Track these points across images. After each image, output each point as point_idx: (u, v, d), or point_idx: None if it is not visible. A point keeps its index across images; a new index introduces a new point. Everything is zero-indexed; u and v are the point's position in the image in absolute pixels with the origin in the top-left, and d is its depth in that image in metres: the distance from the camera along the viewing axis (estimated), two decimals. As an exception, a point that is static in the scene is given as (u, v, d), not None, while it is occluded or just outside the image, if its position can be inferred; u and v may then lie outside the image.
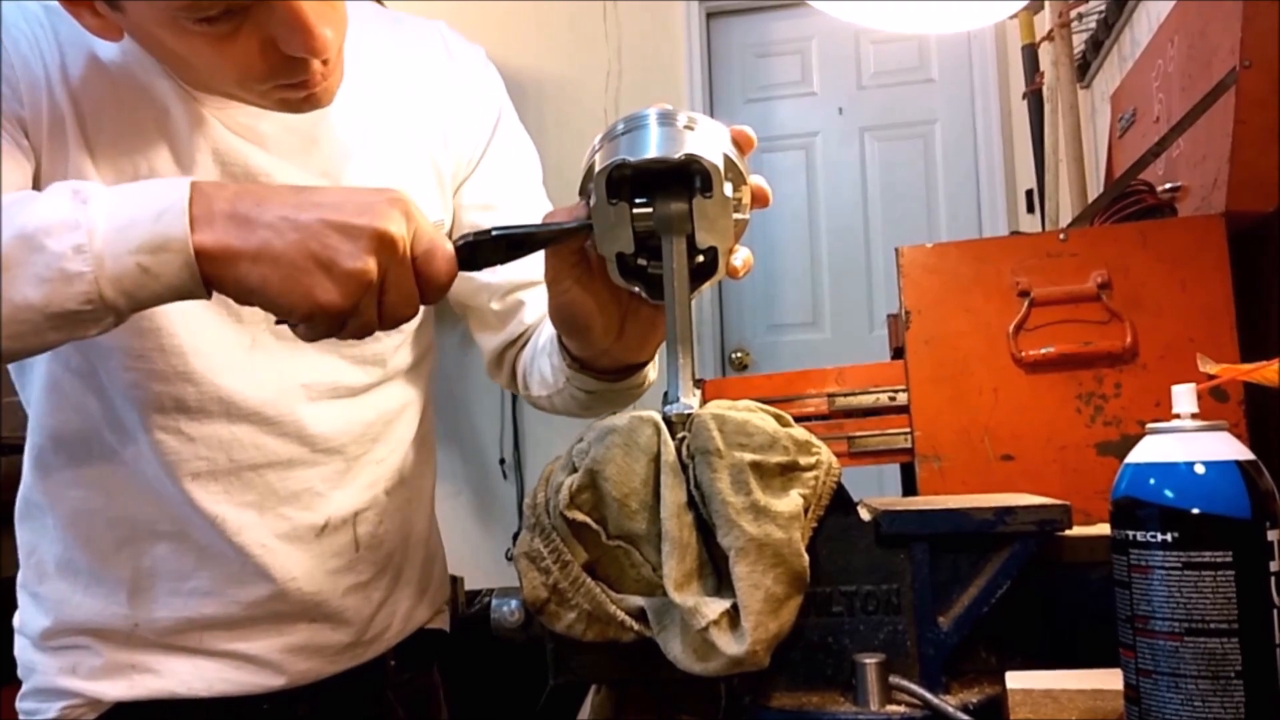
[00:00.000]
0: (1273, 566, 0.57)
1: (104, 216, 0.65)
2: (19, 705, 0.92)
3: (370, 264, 0.65)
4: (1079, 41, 2.60)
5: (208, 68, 0.76)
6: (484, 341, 1.02)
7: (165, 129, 0.83)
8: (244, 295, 0.67)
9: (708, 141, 0.68)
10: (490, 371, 1.05)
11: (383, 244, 0.65)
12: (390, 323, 0.69)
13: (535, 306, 0.98)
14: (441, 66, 0.97)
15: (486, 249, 0.70)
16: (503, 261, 0.71)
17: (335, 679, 0.96)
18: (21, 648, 0.94)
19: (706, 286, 0.71)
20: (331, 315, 0.66)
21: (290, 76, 0.76)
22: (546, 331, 0.94)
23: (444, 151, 0.96)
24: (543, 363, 0.94)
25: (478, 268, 0.71)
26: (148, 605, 0.89)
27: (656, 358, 0.87)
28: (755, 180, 0.72)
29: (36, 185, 0.79)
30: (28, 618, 0.93)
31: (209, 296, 0.68)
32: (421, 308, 0.95)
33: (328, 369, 0.91)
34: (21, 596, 0.94)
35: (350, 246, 0.65)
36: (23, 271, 0.64)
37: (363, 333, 0.69)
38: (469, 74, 0.99)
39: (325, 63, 0.77)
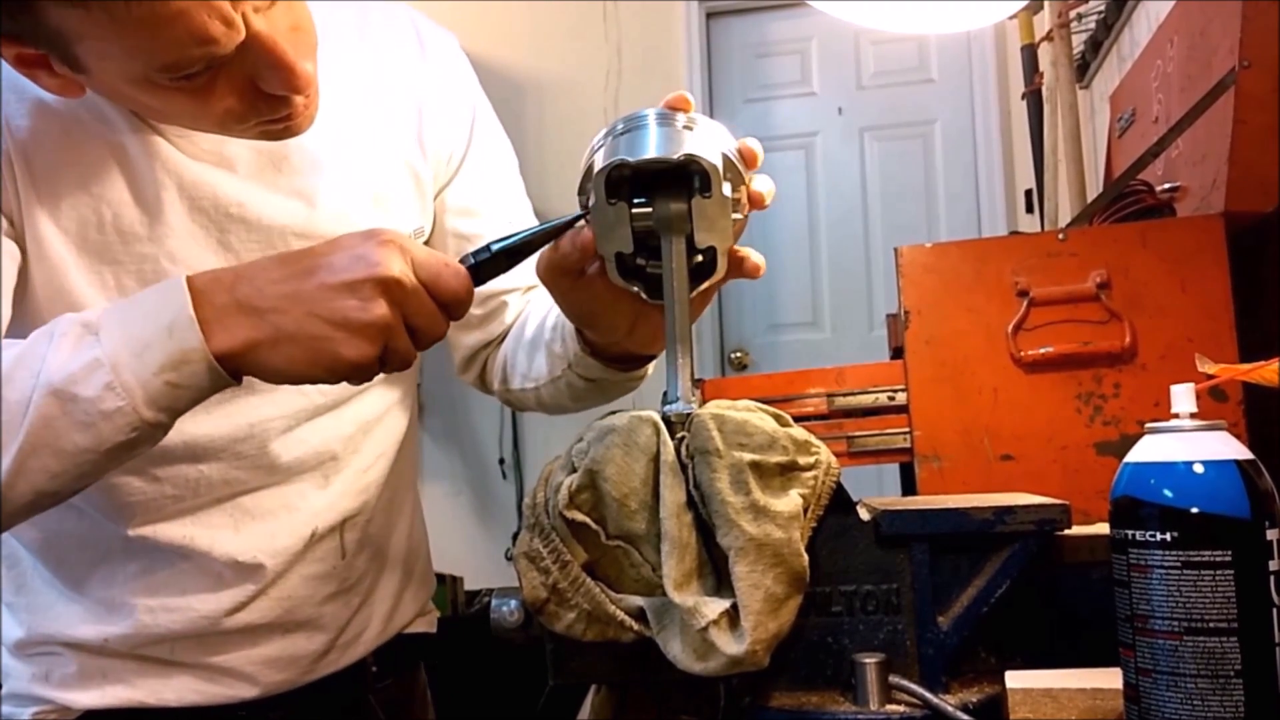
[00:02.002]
0: (1272, 566, 0.57)
1: (120, 345, 0.66)
2: None
3: (383, 309, 0.66)
4: (1078, 42, 2.60)
5: (185, 117, 0.75)
6: (461, 340, 1.01)
7: (125, 168, 0.80)
8: (275, 377, 0.68)
9: (707, 141, 0.67)
10: (459, 367, 1.03)
11: (387, 287, 0.66)
12: (426, 344, 0.71)
13: (515, 307, 0.98)
14: (413, 60, 0.94)
15: (488, 266, 0.72)
16: (505, 270, 0.73)
17: (312, 685, 0.94)
18: (2, 654, 0.94)
19: (705, 286, 0.71)
20: (365, 366, 0.68)
21: (271, 113, 0.75)
22: (534, 323, 0.94)
23: (420, 153, 0.93)
24: (535, 354, 0.92)
25: (484, 282, 0.72)
26: (119, 620, 0.88)
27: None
28: (762, 183, 0.72)
29: (22, 244, 0.78)
30: (5, 628, 0.93)
31: (239, 383, 0.69)
32: None
33: (299, 398, 0.89)
34: None
35: (357, 300, 0.66)
36: (65, 422, 0.66)
37: (403, 365, 0.70)
38: (443, 68, 0.96)
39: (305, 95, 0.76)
